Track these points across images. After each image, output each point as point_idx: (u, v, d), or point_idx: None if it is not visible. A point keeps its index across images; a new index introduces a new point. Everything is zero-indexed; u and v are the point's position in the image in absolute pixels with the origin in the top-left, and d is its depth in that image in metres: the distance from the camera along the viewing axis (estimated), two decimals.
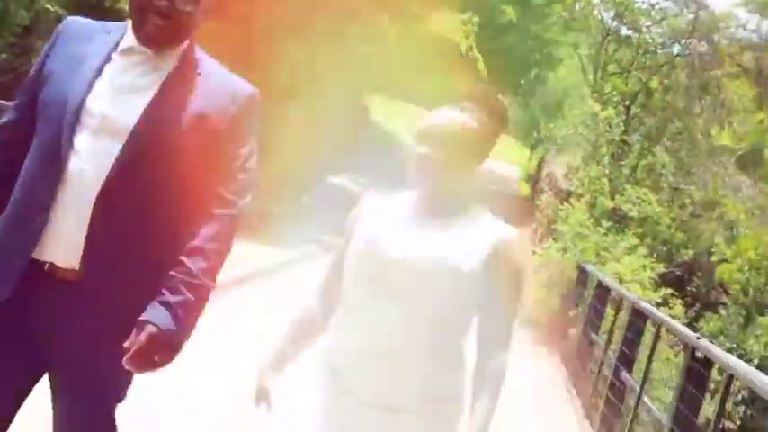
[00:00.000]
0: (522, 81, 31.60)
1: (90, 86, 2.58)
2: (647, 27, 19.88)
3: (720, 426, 5.83)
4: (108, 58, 2.63)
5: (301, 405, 2.76)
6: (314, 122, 21.56)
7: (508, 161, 34.07)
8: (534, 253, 15.79)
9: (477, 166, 2.66)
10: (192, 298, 2.56)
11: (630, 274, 12.71)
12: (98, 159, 2.53)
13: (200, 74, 2.65)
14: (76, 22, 2.77)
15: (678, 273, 14.32)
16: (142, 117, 2.55)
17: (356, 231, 2.69)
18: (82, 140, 2.54)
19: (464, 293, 2.59)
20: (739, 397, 12.89)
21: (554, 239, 15.13)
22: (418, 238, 2.61)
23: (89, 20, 2.81)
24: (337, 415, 2.66)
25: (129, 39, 2.64)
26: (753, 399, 12.57)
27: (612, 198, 15.62)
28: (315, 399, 2.72)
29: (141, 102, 2.58)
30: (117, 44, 2.64)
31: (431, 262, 2.57)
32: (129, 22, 2.66)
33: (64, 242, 2.54)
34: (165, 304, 2.54)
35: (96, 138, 2.54)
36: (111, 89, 2.59)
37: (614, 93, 18.85)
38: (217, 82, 2.66)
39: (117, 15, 9.59)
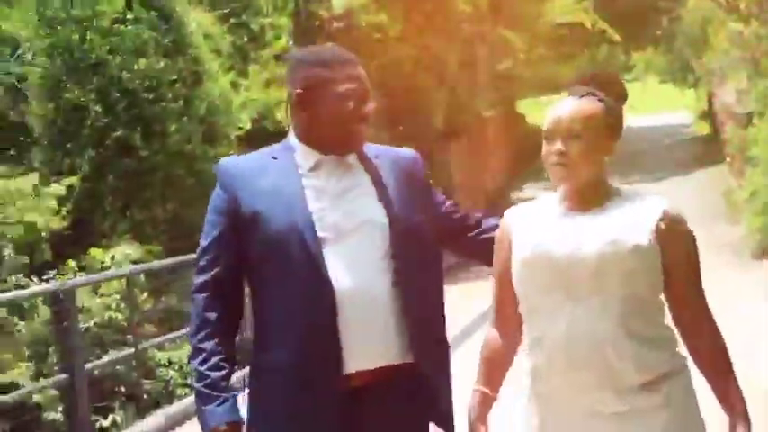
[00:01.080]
0: (659, 32, 31.17)
1: (309, 207, 2.73)
2: None
3: None
4: (300, 178, 2.79)
5: None
6: (479, 150, 22.11)
7: (675, 108, 33.59)
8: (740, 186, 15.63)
9: (612, 146, 2.62)
10: None
11: None
12: (353, 258, 2.71)
13: (376, 157, 2.88)
14: (233, 161, 2.90)
15: None
16: (385, 210, 2.77)
17: (515, 247, 2.66)
18: (330, 254, 2.71)
19: (648, 269, 2.55)
20: None
21: (752, 165, 15.02)
22: (583, 230, 2.57)
23: (237, 157, 2.99)
24: None
25: (309, 154, 2.81)
26: None
27: None
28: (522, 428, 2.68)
29: (358, 199, 2.78)
30: (296, 164, 2.81)
31: (607, 248, 2.52)
32: (293, 140, 2.85)
33: (366, 345, 2.70)
34: None
35: (338, 246, 2.72)
36: (327, 201, 2.76)
37: (751, 5, 18.51)
38: (390, 159, 2.91)
39: None
